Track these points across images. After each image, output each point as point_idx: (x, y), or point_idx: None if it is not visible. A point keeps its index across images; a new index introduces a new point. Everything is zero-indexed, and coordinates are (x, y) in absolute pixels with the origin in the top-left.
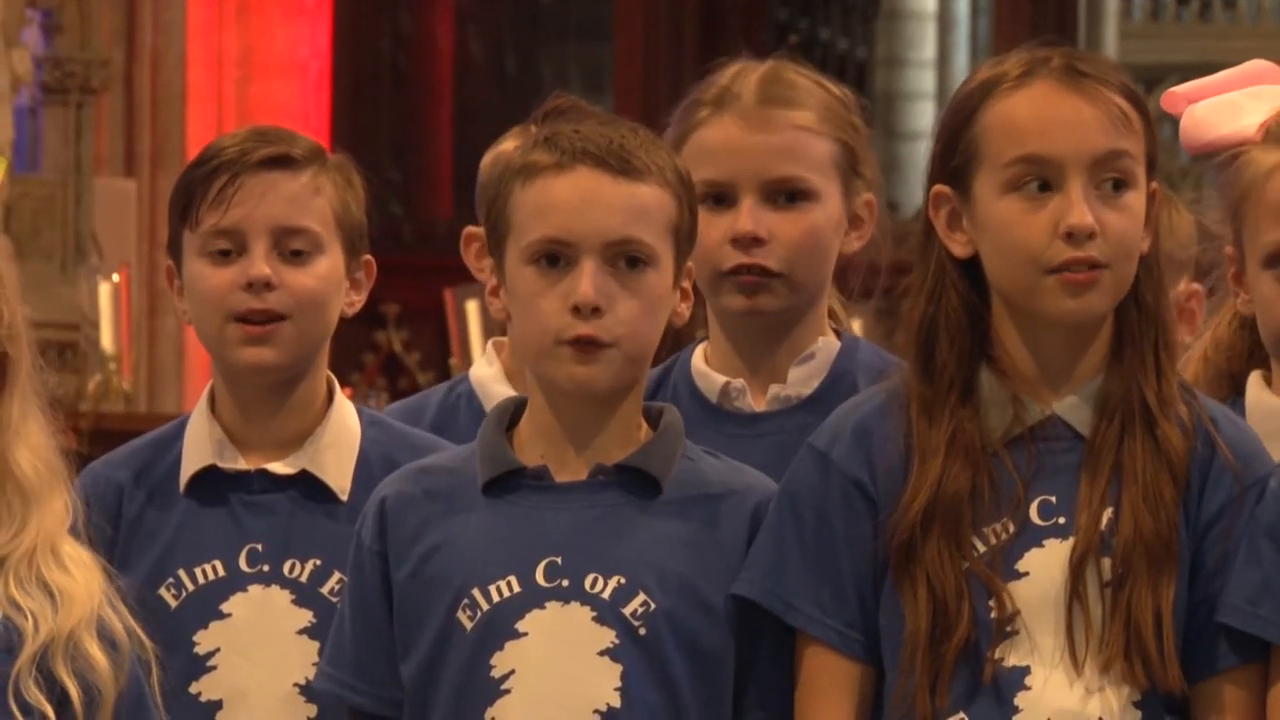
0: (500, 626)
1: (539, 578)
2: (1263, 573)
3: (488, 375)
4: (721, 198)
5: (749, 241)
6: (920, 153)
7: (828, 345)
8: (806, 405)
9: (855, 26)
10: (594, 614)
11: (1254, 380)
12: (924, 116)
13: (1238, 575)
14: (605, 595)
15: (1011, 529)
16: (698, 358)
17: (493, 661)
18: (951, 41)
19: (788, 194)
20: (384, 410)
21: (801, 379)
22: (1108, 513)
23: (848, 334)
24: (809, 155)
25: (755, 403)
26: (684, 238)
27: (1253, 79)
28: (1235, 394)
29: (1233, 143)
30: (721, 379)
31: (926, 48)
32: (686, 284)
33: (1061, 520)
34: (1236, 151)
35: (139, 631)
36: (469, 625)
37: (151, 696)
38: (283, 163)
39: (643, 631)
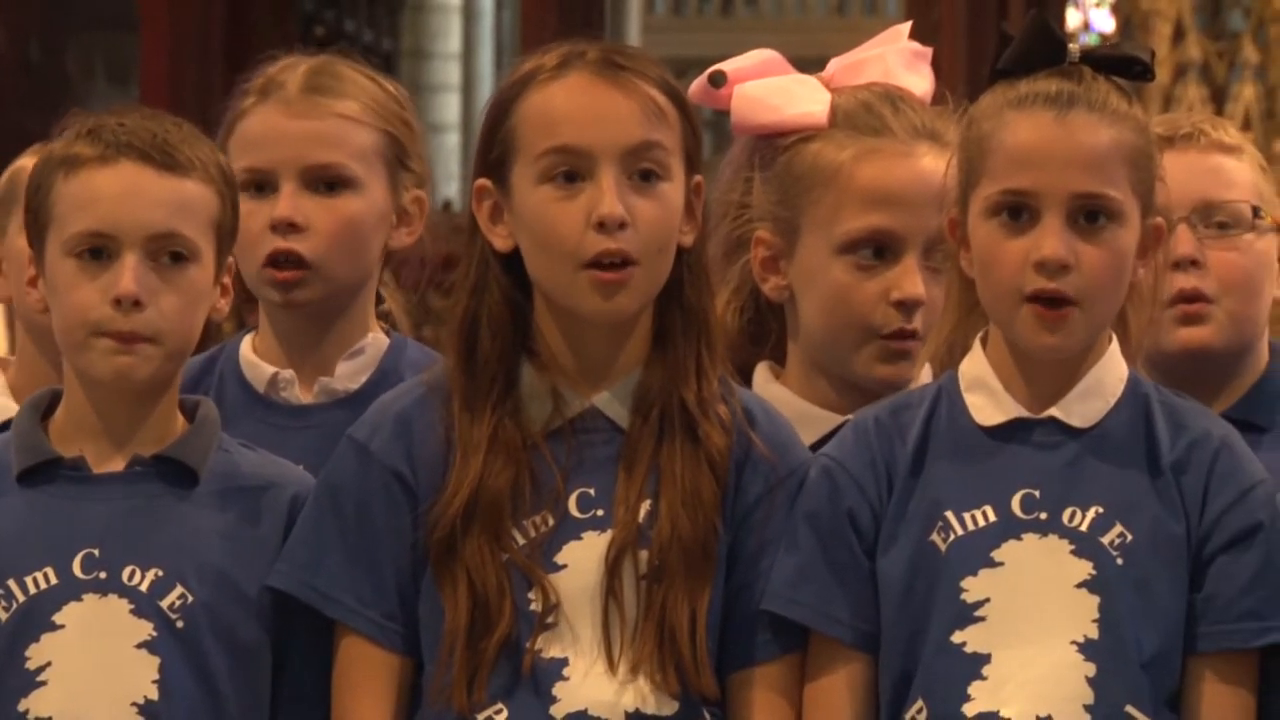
0: (36, 618)
1: (76, 569)
2: (801, 558)
3: None
4: (263, 185)
5: (286, 227)
6: (446, 145)
7: (377, 341)
8: (354, 400)
9: (381, 18)
10: (131, 606)
11: (761, 371)
12: (449, 109)
13: (779, 563)
14: (143, 587)
15: (551, 521)
16: (246, 347)
17: (28, 654)
18: (476, 34)
19: (327, 181)
20: None
21: (349, 374)
22: (645, 505)
23: (398, 334)
24: (350, 143)
25: (303, 394)
26: (226, 233)
27: (773, 69)
28: (743, 384)
29: (799, 126)
30: (270, 369)
31: (452, 40)
32: (227, 279)
33: (600, 513)
34: (806, 135)
35: None
36: (4, 617)
37: None
38: None
39: (180, 624)
